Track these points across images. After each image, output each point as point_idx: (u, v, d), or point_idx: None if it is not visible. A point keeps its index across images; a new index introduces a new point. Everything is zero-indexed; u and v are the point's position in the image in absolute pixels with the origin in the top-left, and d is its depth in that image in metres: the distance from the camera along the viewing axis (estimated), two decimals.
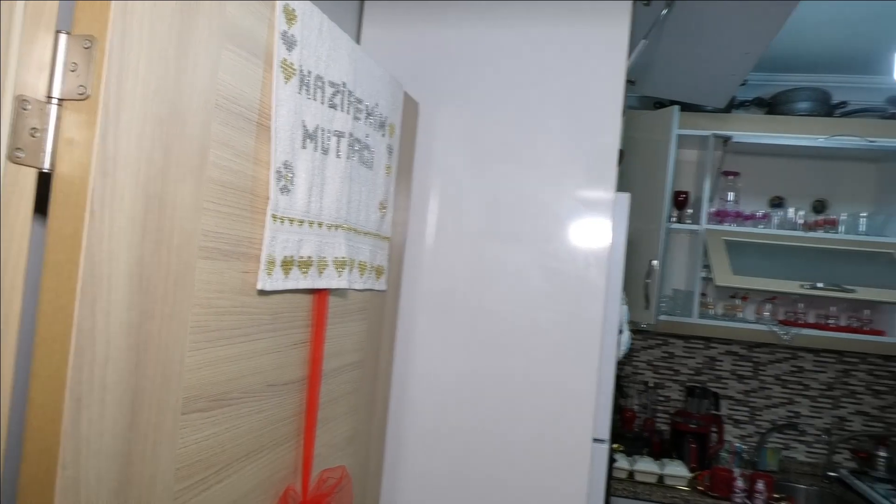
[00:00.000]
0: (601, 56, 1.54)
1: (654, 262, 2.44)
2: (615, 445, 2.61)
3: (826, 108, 2.84)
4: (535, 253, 1.53)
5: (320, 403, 1.15)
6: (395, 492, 1.57)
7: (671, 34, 1.80)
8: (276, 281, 0.95)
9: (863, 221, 2.78)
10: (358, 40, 1.67)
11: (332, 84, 1.07)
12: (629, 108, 2.91)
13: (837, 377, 2.95)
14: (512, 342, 1.53)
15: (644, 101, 3.10)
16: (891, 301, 2.53)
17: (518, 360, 1.52)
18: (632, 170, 2.69)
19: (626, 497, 2.44)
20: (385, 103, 1.30)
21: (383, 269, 1.37)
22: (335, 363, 1.21)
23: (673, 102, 2.70)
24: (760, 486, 2.41)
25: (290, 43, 0.94)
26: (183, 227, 0.75)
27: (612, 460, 1.83)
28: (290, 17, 0.93)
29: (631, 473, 2.54)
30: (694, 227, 2.83)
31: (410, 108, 1.51)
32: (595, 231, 1.50)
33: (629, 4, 1.52)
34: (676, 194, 2.90)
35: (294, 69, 0.95)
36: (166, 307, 0.73)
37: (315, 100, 1.02)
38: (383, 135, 1.31)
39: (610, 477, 1.74)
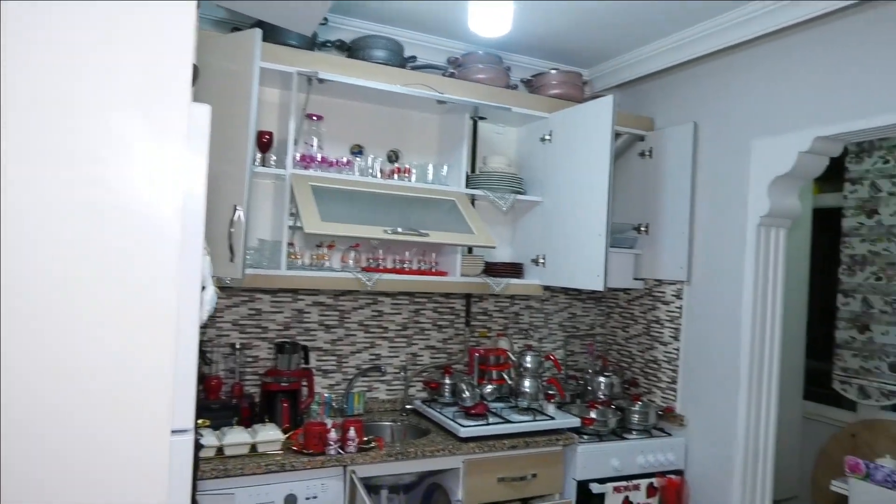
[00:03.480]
0: None
1: (239, 209, 2.12)
2: (200, 421, 2.24)
3: (399, 59, 2.94)
4: (74, 181, 1.05)
5: None
6: None
7: None
8: None
9: (430, 171, 2.98)
10: None
11: None
12: (200, 28, 2.48)
13: (410, 317, 3.17)
14: (40, 315, 1.03)
15: (220, 26, 2.71)
16: (455, 243, 2.77)
17: (52, 340, 1.04)
18: (207, 101, 2.28)
19: (217, 478, 2.13)
20: None
21: None
22: None
23: (252, 27, 2.39)
24: (352, 433, 2.39)
25: None
26: None
27: (198, 446, 1.49)
28: None
29: (220, 449, 2.23)
30: (279, 171, 2.61)
31: None
32: (165, 153, 1.11)
33: None
34: (260, 135, 2.62)
35: None
36: None
37: None
38: None
39: (197, 462, 1.41)
